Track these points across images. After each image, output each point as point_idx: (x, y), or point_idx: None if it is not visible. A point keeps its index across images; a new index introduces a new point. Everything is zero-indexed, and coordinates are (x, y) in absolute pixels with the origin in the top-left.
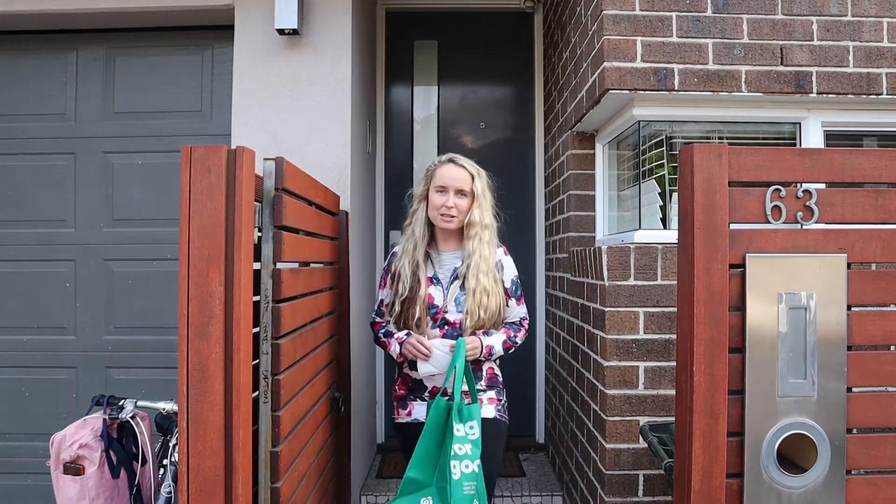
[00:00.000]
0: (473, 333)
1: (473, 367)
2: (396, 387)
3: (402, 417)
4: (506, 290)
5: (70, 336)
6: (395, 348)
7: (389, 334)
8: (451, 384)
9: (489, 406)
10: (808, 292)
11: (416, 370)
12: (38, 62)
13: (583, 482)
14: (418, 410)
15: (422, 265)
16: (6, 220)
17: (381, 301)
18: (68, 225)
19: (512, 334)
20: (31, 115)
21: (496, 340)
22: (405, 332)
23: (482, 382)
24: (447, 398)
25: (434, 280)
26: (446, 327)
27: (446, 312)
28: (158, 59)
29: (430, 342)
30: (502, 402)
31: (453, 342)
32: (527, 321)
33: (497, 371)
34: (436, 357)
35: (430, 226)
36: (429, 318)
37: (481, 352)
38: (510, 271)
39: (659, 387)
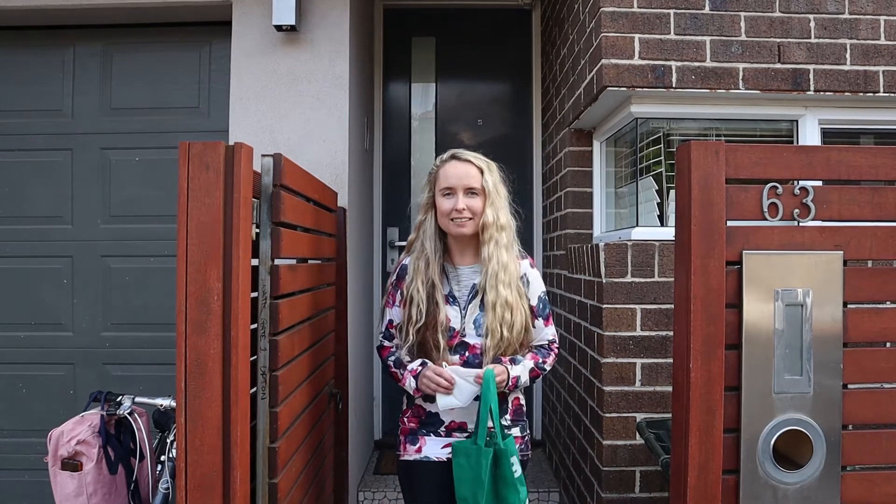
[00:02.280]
0: (498, 360)
1: (499, 399)
2: (406, 419)
3: (410, 454)
4: (532, 308)
5: (67, 332)
6: (410, 383)
7: (401, 364)
8: (482, 422)
9: None
10: (805, 289)
11: (434, 402)
12: (34, 58)
13: (580, 478)
14: (430, 447)
15: (438, 284)
16: (3, 217)
17: (390, 321)
18: (65, 221)
19: (540, 360)
20: (28, 111)
21: (523, 370)
22: (420, 361)
23: (507, 417)
24: (488, 442)
25: (450, 299)
26: (466, 353)
27: (464, 336)
28: (156, 56)
29: (450, 371)
30: (525, 438)
31: (478, 371)
32: (556, 344)
33: (523, 401)
34: (459, 388)
35: (442, 237)
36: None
37: (507, 383)
38: (537, 286)
39: (656, 383)
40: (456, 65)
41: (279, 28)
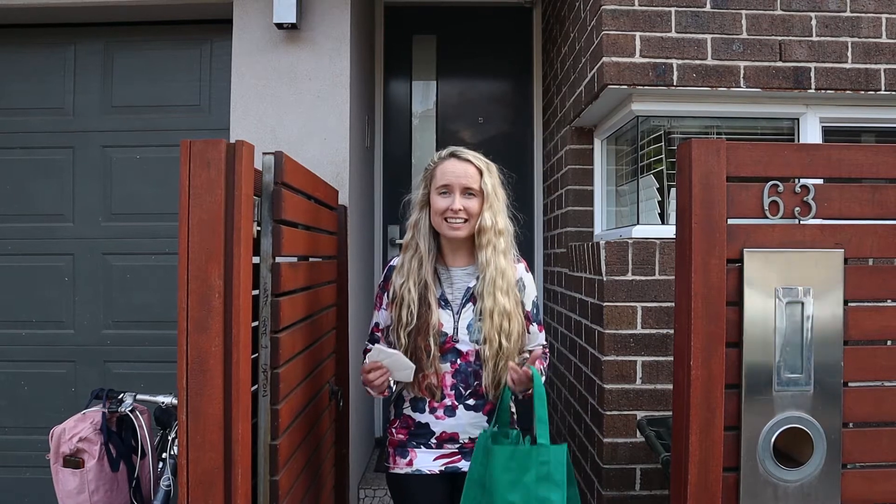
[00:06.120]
0: (521, 365)
1: (486, 409)
2: (394, 430)
3: (401, 467)
4: (526, 313)
5: (68, 330)
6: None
7: None
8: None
9: None
10: (805, 287)
11: (419, 411)
12: (36, 56)
13: (580, 476)
14: (422, 460)
15: (431, 286)
16: (4, 214)
17: (376, 325)
18: (67, 219)
19: (544, 367)
20: (30, 109)
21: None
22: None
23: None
24: (526, 438)
25: (442, 302)
26: (458, 360)
27: (456, 342)
28: (157, 54)
29: (375, 355)
30: None
31: (394, 351)
32: (548, 350)
33: (514, 408)
34: (393, 367)
35: (436, 237)
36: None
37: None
38: (532, 291)
39: (656, 381)
40: (457, 63)
41: (280, 26)
